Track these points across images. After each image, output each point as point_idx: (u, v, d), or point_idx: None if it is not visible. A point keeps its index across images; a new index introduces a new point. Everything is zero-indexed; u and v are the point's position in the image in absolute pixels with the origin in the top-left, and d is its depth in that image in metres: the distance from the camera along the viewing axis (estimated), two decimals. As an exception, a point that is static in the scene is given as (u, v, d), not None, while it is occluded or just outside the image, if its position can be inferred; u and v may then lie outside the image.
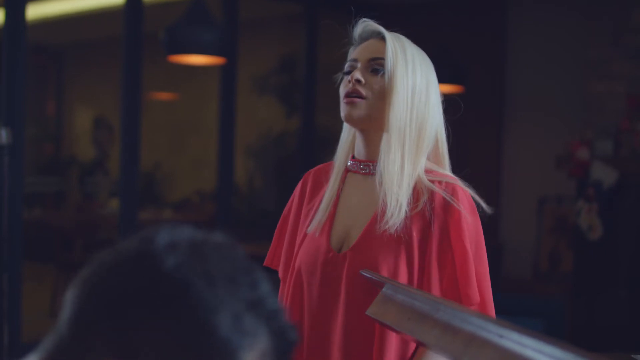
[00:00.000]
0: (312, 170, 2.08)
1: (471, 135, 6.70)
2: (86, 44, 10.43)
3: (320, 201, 1.97)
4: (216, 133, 6.89)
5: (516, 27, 6.94)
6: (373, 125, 1.87)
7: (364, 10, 2.00)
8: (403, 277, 1.80)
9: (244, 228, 7.56)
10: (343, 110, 1.89)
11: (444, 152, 1.95)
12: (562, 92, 6.60)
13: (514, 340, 1.10)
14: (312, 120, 7.28)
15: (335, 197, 1.95)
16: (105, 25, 8.85)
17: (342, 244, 1.90)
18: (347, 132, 2.00)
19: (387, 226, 1.81)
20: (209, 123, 8.32)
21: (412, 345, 1.82)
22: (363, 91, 1.86)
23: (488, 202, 1.91)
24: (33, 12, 6.89)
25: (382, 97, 1.85)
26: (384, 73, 1.86)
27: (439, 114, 1.93)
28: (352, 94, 1.87)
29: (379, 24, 1.96)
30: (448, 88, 5.92)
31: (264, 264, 2.08)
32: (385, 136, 1.85)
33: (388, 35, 1.90)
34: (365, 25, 1.95)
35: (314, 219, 1.95)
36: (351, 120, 1.90)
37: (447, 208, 1.82)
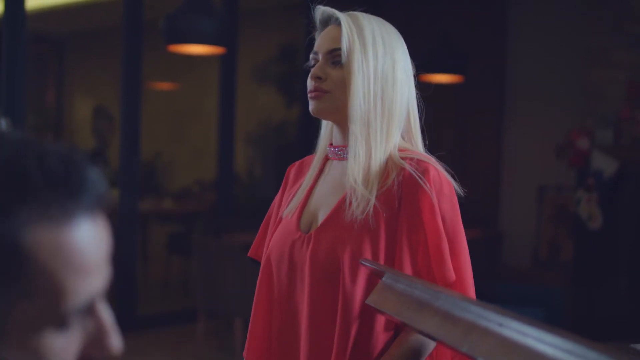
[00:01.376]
0: (296, 163, 2.09)
1: (471, 124, 6.69)
2: (86, 33, 10.42)
3: (298, 189, 1.98)
4: (216, 122, 6.89)
5: (517, 16, 6.93)
6: (342, 115, 1.86)
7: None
8: (367, 256, 1.78)
9: (244, 217, 7.56)
10: (310, 104, 1.89)
11: (416, 129, 1.92)
12: (562, 80, 6.59)
13: (514, 328, 1.10)
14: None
15: (311, 183, 1.95)
16: (105, 14, 8.84)
17: (311, 225, 1.90)
18: (326, 126, 2.01)
19: (350, 216, 1.80)
20: (209, 112, 8.32)
21: (379, 333, 1.80)
22: (324, 86, 1.85)
23: (488, 191, 1.90)
24: (33, 1, 6.89)
25: (344, 88, 1.84)
26: (342, 63, 1.84)
27: (408, 90, 1.89)
28: (314, 91, 1.87)
29: (337, 6, 1.93)
30: (448, 78, 5.92)
31: (248, 254, 2.09)
32: (350, 128, 1.84)
33: (343, 19, 1.85)
34: (321, 12, 1.93)
35: (289, 204, 1.96)
36: (318, 114, 1.90)
37: (417, 186, 1.79)
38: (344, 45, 1.82)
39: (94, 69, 10.65)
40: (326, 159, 1.99)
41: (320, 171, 1.98)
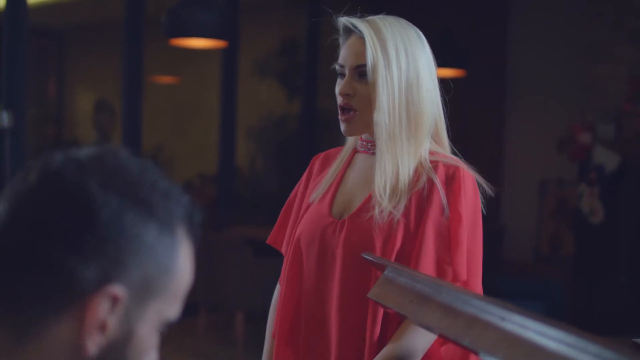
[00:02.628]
0: (321, 154, 2.13)
1: (473, 118, 6.69)
2: (87, 26, 10.40)
3: (325, 177, 2.01)
4: (217, 116, 6.88)
5: (518, 11, 6.92)
6: (372, 130, 1.90)
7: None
8: (398, 243, 1.81)
9: (245, 210, 7.56)
10: (341, 126, 1.93)
11: (442, 129, 1.96)
12: (564, 75, 6.58)
13: (516, 322, 1.10)
14: (313, 103, 7.27)
15: (339, 171, 1.99)
16: (106, 7, 8.83)
17: (343, 212, 1.92)
18: None
19: (373, 217, 1.84)
20: (210, 106, 8.31)
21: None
22: (353, 103, 1.89)
23: (489, 184, 1.91)
24: (34, -6, 6.87)
25: (371, 105, 1.87)
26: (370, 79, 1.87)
27: (435, 96, 1.92)
28: (344, 108, 1.90)
29: (359, 14, 1.95)
30: (450, 72, 5.91)
31: (267, 241, 2.11)
32: (377, 143, 1.87)
33: (367, 35, 1.87)
34: (343, 23, 1.95)
35: (316, 189, 1.99)
36: (351, 135, 1.97)
37: (450, 184, 1.83)
38: (369, 62, 1.85)
39: (95, 63, 10.64)
40: (354, 151, 2.02)
41: (349, 162, 2.02)
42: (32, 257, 0.89)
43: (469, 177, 1.86)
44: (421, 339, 1.77)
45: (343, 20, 1.94)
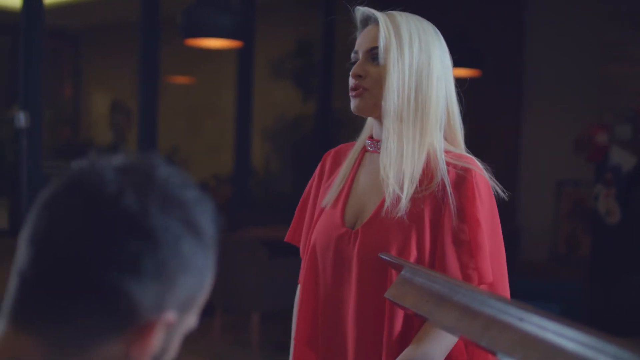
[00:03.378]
0: (332, 150, 2.12)
1: (489, 118, 6.68)
2: (103, 27, 10.44)
3: (336, 179, 2.00)
4: (233, 116, 6.89)
5: (534, 11, 6.90)
6: (380, 112, 1.89)
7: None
8: (413, 253, 1.81)
9: (260, 211, 7.56)
10: (351, 103, 1.92)
11: (455, 124, 1.94)
12: (580, 75, 6.56)
13: (534, 323, 1.09)
14: (328, 103, 7.27)
15: (350, 173, 1.98)
16: (122, 9, 8.86)
17: (356, 220, 1.92)
18: (370, 118, 2.03)
19: (390, 214, 1.82)
20: (226, 107, 8.32)
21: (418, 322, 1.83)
22: (364, 84, 1.88)
23: (506, 186, 1.90)
24: (50, -5, 6.90)
25: (381, 85, 1.87)
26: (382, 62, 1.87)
27: (446, 86, 1.91)
28: (355, 89, 1.90)
29: (377, 6, 1.95)
30: (466, 72, 5.89)
31: (285, 239, 2.11)
32: (384, 122, 1.86)
33: (381, 18, 1.89)
34: (360, 12, 1.96)
35: (328, 193, 1.98)
36: (359, 112, 1.93)
37: (462, 187, 1.82)
38: (381, 43, 1.86)
39: (111, 64, 10.68)
40: (364, 151, 2.01)
41: (359, 163, 2.00)
42: (92, 281, 0.89)
43: (482, 179, 1.85)
44: (441, 343, 1.76)
45: (360, 10, 1.95)
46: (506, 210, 1.89)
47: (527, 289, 5.80)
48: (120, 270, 0.88)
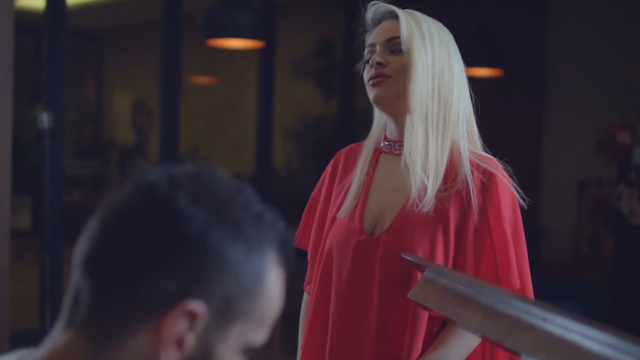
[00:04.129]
0: (343, 150, 2.07)
1: (511, 118, 6.65)
2: (125, 27, 10.49)
3: (351, 183, 1.96)
4: (254, 116, 6.90)
5: (557, 10, 6.87)
6: (402, 106, 1.85)
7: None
8: (439, 260, 1.78)
9: (282, 211, 7.56)
10: (371, 93, 1.89)
11: (472, 124, 1.92)
12: (603, 74, 6.52)
13: (558, 324, 1.09)
14: (350, 103, 7.26)
15: (365, 178, 1.94)
16: (144, 9, 8.89)
17: (375, 226, 1.88)
18: (378, 117, 2.00)
19: (418, 208, 1.79)
20: (247, 106, 8.34)
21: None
22: (386, 72, 1.85)
23: (528, 186, 1.89)
24: (73, -4, 6.93)
25: (405, 74, 1.84)
26: (401, 51, 1.85)
27: (464, 84, 1.90)
28: (376, 77, 1.86)
29: (396, 5, 1.94)
30: (487, 72, 5.87)
31: (294, 244, 2.07)
32: (408, 115, 1.83)
33: (400, 12, 1.88)
34: (375, 7, 1.94)
35: (344, 202, 1.94)
36: (381, 101, 1.88)
37: (486, 192, 1.79)
38: (404, 33, 1.84)
39: (133, 64, 10.72)
40: (378, 152, 1.97)
41: (374, 166, 1.96)
42: (119, 269, 0.90)
43: (506, 186, 1.82)
44: (460, 348, 1.75)
45: (375, 6, 1.93)
46: (528, 210, 1.87)
47: (549, 289, 5.77)
48: (145, 256, 0.90)
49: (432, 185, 1.79)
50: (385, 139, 1.94)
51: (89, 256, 0.92)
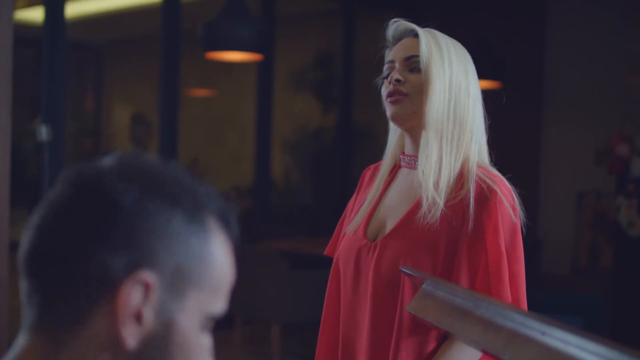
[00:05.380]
0: (371, 167, 2.12)
1: (510, 130, 6.65)
2: (124, 40, 10.51)
3: (364, 199, 2.00)
4: (253, 129, 6.91)
5: (556, 20, 6.88)
6: (418, 122, 1.88)
7: (400, 5, 2.00)
8: (428, 269, 1.79)
9: (280, 223, 7.57)
10: (388, 110, 1.91)
11: (483, 142, 1.94)
12: (602, 86, 6.53)
13: (557, 337, 1.09)
14: (349, 115, 7.27)
15: (380, 191, 1.97)
16: (143, 22, 8.91)
17: (378, 233, 1.91)
18: (394, 133, 2.02)
19: (421, 221, 1.81)
20: (246, 119, 8.35)
21: (430, 340, 1.82)
22: (404, 89, 1.87)
23: (527, 197, 1.89)
24: (72, 9, 6.95)
25: (422, 93, 1.86)
26: (420, 70, 1.87)
27: (479, 105, 1.92)
28: (394, 94, 1.88)
29: (411, 21, 1.96)
30: (486, 83, 5.88)
31: (325, 253, 2.11)
32: (424, 132, 1.85)
33: (420, 31, 1.90)
34: (397, 25, 1.96)
35: (355, 216, 1.97)
36: (397, 119, 1.91)
37: (483, 205, 1.80)
38: (423, 52, 1.87)
39: (132, 76, 10.74)
40: (396, 167, 2.00)
41: (390, 180, 2.00)
42: (62, 253, 0.90)
43: (504, 203, 1.83)
44: (464, 357, 1.76)
45: (397, 23, 1.95)
46: (527, 222, 1.87)
47: (548, 302, 5.77)
48: (86, 235, 0.89)
49: (442, 201, 1.82)
50: (403, 153, 1.97)
51: (30, 255, 0.92)
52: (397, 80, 1.89)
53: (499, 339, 1.18)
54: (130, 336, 0.89)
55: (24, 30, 9.23)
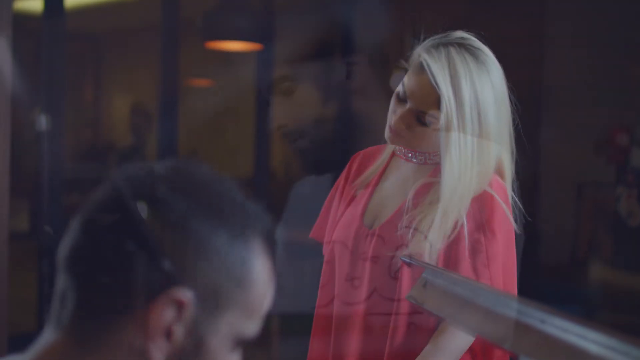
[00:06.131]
0: (360, 153, 2.12)
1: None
2: (124, 30, 10.48)
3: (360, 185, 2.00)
4: (253, 119, 6.90)
5: (555, 9, 6.87)
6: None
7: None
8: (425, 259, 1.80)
9: (280, 214, 7.55)
10: (387, 136, 1.90)
11: (506, 167, 1.93)
12: (601, 75, 6.51)
13: (556, 325, 1.09)
14: (349, 106, 7.27)
15: (377, 174, 1.97)
16: (142, 12, 8.88)
17: (374, 221, 1.91)
18: None
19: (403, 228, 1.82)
20: (246, 109, 8.33)
21: (427, 330, 1.82)
22: (406, 135, 1.85)
23: (526, 189, 1.90)
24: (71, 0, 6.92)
25: (425, 142, 1.84)
26: (432, 127, 1.83)
27: (507, 140, 1.89)
28: (395, 133, 1.87)
29: (439, 44, 1.89)
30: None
31: (310, 235, 2.11)
32: (443, 180, 1.83)
33: (443, 88, 1.82)
34: (419, 59, 1.88)
35: (353, 203, 1.98)
36: (395, 144, 1.94)
37: (483, 206, 1.81)
38: (442, 120, 1.80)
39: (131, 66, 10.71)
40: (393, 154, 1.98)
41: (385, 167, 2.01)
42: (103, 258, 0.90)
43: (501, 188, 1.83)
44: (457, 344, 1.76)
45: (422, 57, 1.87)
46: (526, 213, 1.87)
47: (548, 293, 5.77)
48: (130, 246, 0.89)
49: (437, 244, 1.82)
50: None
51: (71, 255, 0.91)
52: (402, 124, 1.86)
53: (499, 328, 1.18)
54: (159, 352, 0.89)
55: (22, 20, 9.21)
